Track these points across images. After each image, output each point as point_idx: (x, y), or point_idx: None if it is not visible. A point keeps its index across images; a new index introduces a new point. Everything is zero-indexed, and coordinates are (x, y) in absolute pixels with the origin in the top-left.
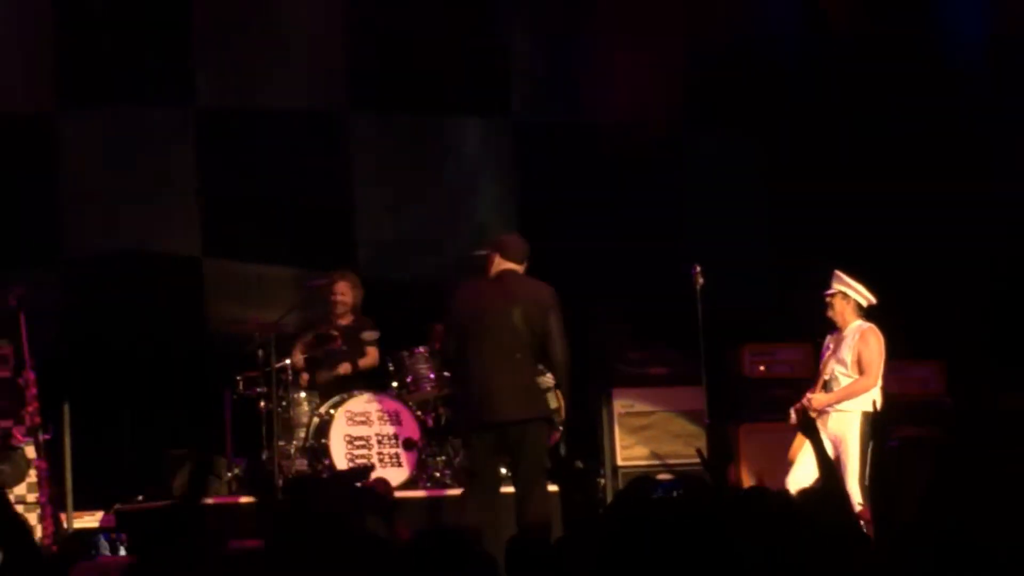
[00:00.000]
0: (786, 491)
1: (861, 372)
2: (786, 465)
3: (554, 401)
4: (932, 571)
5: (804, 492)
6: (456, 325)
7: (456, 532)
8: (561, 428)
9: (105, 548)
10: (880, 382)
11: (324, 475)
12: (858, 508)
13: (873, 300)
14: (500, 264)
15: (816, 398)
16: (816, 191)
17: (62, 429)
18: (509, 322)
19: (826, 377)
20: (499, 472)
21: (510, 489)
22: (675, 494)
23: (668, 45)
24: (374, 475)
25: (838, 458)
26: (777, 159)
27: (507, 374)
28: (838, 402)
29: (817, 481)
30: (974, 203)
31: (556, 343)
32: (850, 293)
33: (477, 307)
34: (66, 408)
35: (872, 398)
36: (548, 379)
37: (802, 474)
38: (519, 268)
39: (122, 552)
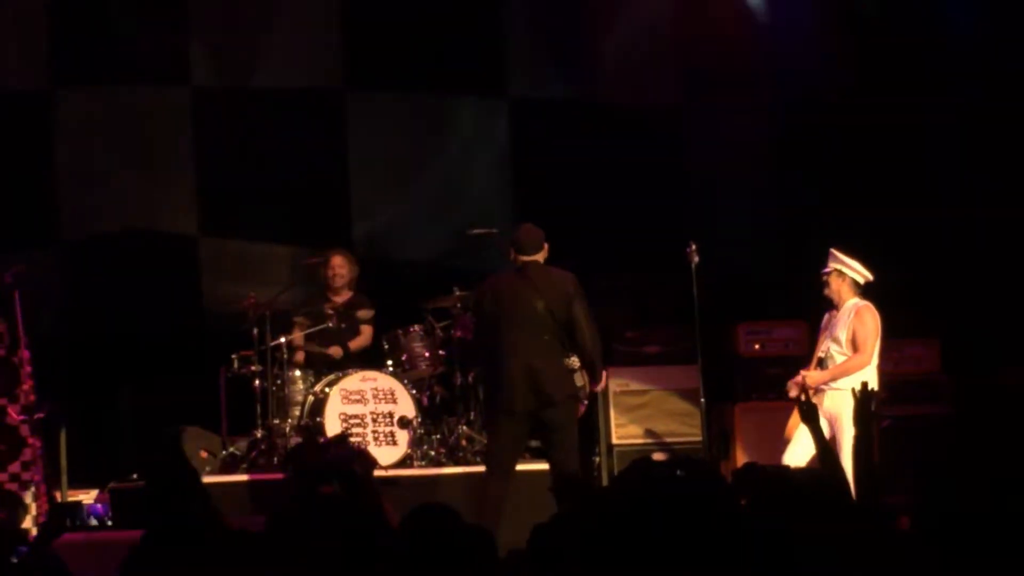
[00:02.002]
0: (784, 467)
1: (856, 350)
2: (782, 443)
3: (579, 380)
4: (931, 554)
5: (801, 472)
6: (483, 315)
7: (444, 508)
8: (586, 402)
9: (92, 520)
10: (876, 360)
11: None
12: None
13: (870, 277)
14: (520, 259)
15: (811, 375)
16: (815, 168)
17: (57, 407)
18: (535, 313)
19: (821, 354)
20: (518, 456)
21: (526, 467)
22: (678, 473)
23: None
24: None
25: (833, 437)
26: (779, 136)
27: (537, 360)
28: (832, 379)
29: (813, 462)
30: (969, 178)
31: (583, 330)
32: (846, 271)
33: (503, 299)
34: (62, 387)
35: (866, 376)
36: (574, 361)
37: (798, 452)
38: (540, 258)
39: (108, 524)
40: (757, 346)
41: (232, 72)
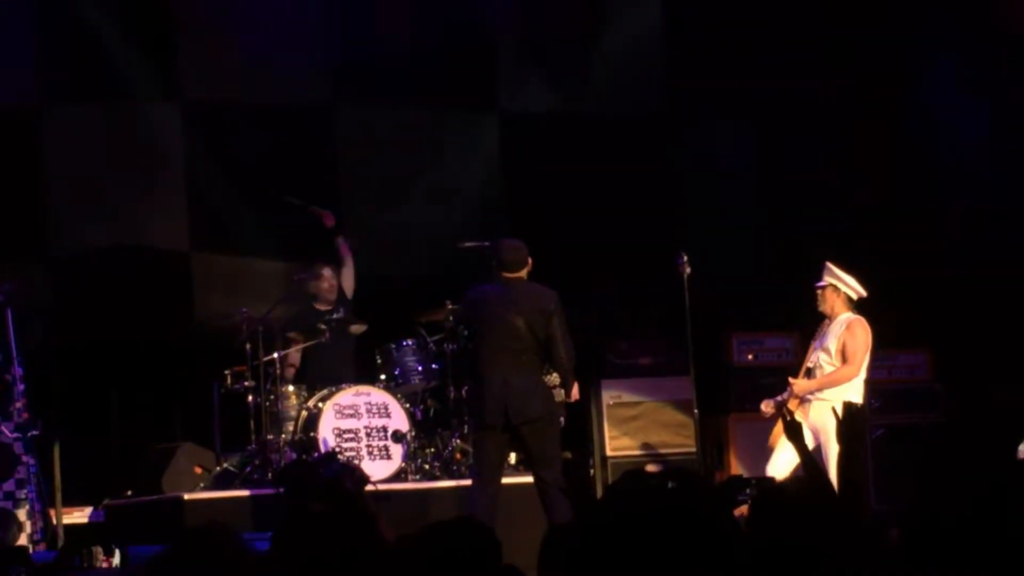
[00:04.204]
0: (769, 479)
1: (844, 361)
2: (768, 452)
3: (559, 395)
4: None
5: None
6: (467, 328)
7: (468, 520)
8: (561, 420)
9: (99, 559)
10: (864, 373)
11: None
12: None
13: (863, 293)
14: (504, 275)
15: (798, 384)
16: (806, 179)
17: (51, 425)
18: (515, 329)
19: (810, 365)
20: (502, 467)
21: (509, 480)
22: (669, 485)
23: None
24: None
25: (819, 447)
26: (768, 146)
27: (517, 377)
28: (819, 389)
29: (797, 470)
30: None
31: (559, 347)
32: (840, 286)
33: (484, 314)
34: (55, 404)
35: (853, 388)
36: (554, 378)
37: (782, 461)
38: (523, 274)
39: (116, 561)
40: (750, 356)
41: (222, 87)
